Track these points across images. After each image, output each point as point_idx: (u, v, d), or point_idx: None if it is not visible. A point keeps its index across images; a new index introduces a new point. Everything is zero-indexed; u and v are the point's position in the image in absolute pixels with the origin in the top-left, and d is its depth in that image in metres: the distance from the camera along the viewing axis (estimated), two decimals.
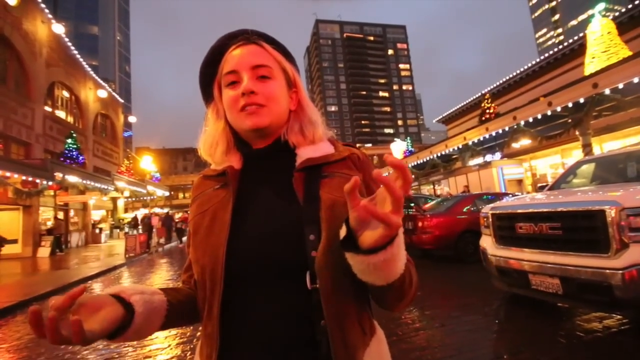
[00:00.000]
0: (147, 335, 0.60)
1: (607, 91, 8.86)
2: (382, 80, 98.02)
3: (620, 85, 8.52)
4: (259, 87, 0.64)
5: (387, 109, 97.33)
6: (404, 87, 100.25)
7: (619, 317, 3.08)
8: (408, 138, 31.77)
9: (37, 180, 11.70)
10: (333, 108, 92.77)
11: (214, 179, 0.70)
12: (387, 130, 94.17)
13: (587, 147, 10.13)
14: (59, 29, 16.90)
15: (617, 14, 15.64)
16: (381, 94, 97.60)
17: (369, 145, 73.10)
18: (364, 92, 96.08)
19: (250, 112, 0.63)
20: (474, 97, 25.69)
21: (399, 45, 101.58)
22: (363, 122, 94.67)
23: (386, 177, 0.42)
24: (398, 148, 28.93)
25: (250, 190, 0.66)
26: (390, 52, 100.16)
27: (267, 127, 0.65)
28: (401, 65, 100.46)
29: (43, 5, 16.42)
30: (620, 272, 2.43)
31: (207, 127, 0.74)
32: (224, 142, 0.71)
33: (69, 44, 18.77)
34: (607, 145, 12.55)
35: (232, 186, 0.65)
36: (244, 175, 0.68)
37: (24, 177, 11.05)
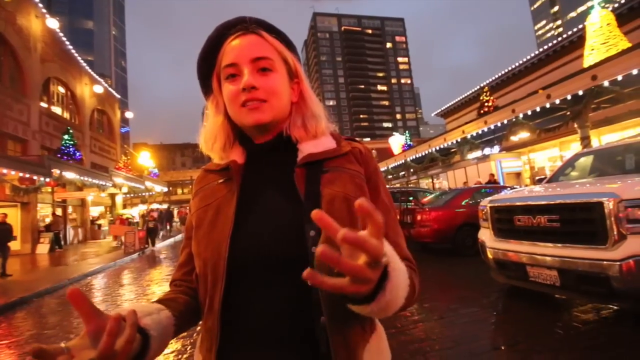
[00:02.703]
0: (159, 355, 0.58)
1: (605, 83, 8.82)
2: (381, 74, 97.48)
3: (619, 77, 8.48)
4: (260, 82, 0.62)
5: (386, 102, 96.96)
6: (403, 81, 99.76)
7: (616, 308, 3.11)
8: (407, 132, 31.72)
9: (35, 177, 11.65)
10: (331, 102, 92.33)
11: (217, 173, 0.69)
12: (385, 124, 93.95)
13: (585, 140, 10.12)
14: (53, 23, 16.69)
15: (616, 5, 15.53)
16: (380, 87, 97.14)
17: (368, 139, 72.91)
18: (363, 86, 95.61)
19: (251, 108, 0.62)
20: (473, 90, 25.59)
21: (397, 39, 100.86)
22: (361, 116, 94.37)
23: (357, 235, 0.39)
24: (396, 142, 28.90)
25: (253, 185, 0.65)
26: (388, 45, 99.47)
27: (269, 123, 0.64)
28: (399, 59, 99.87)
29: (37, 0, 16.19)
30: (618, 263, 2.45)
31: (206, 121, 0.73)
32: (224, 137, 0.70)
33: (64, 38, 18.56)
34: (605, 137, 12.55)
35: (236, 181, 0.65)
36: (246, 169, 0.67)
37: (21, 174, 11.00)
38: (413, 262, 0.67)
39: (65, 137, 15.87)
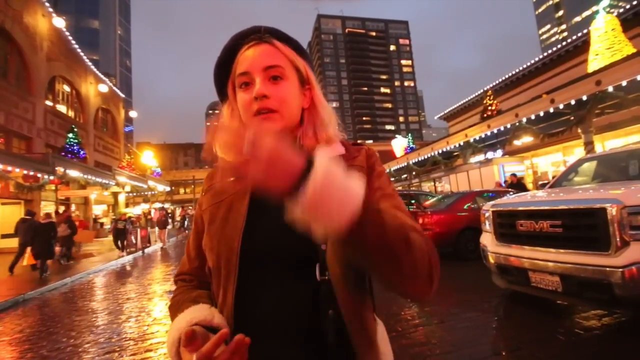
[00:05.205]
0: None
1: (610, 89, 8.80)
2: (384, 76, 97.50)
3: (624, 83, 8.45)
4: (271, 90, 0.64)
5: (389, 105, 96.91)
6: (406, 84, 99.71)
7: (618, 315, 3.09)
8: (409, 134, 31.73)
9: (39, 175, 11.71)
10: (334, 104, 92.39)
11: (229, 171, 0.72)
12: (388, 127, 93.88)
13: (589, 145, 10.08)
14: (59, 22, 16.83)
15: (621, 10, 15.49)
16: (383, 90, 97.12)
17: (370, 141, 72.88)
18: (366, 88, 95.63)
19: (263, 118, 0.65)
20: (476, 94, 25.57)
21: (401, 41, 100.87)
22: (364, 118, 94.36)
23: None
24: (399, 145, 28.89)
25: None
26: (392, 47, 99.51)
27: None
28: (403, 61, 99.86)
29: None
30: (621, 270, 2.43)
31: (222, 123, 0.76)
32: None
33: (70, 37, 18.71)
34: (609, 143, 12.49)
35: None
36: None
37: (25, 172, 11.06)
38: (421, 231, 0.61)
39: (70, 135, 15.97)
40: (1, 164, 10.03)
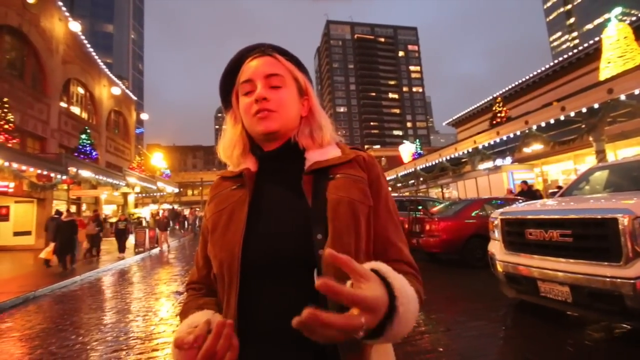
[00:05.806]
0: None
1: (622, 97, 8.69)
2: (392, 82, 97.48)
3: (636, 91, 8.34)
4: (270, 95, 0.69)
5: (397, 110, 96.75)
6: (414, 89, 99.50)
7: (629, 327, 3.03)
8: (417, 140, 31.57)
9: (52, 174, 11.97)
10: (342, 109, 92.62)
11: (231, 180, 0.75)
12: (396, 132, 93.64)
13: (600, 154, 9.94)
14: (75, 26, 17.29)
15: (633, 18, 15.31)
16: (391, 95, 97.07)
17: (378, 146, 72.67)
18: (374, 94, 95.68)
19: (262, 117, 0.69)
20: (485, 100, 25.41)
21: (410, 47, 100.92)
22: (372, 123, 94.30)
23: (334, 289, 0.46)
24: (407, 150, 28.79)
25: (264, 191, 0.70)
26: (400, 53, 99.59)
27: (277, 131, 0.70)
28: (411, 67, 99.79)
29: (60, 3, 16.81)
30: (632, 281, 2.39)
31: (225, 130, 0.80)
32: (241, 145, 0.76)
33: (85, 41, 19.17)
34: (621, 152, 12.27)
35: (249, 187, 0.70)
36: (258, 177, 0.73)
37: (39, 171, 11.32)
38: (415, 266, 0.68)
39: (83, 136, 16.30)
40: (16, 163, 10.28)
